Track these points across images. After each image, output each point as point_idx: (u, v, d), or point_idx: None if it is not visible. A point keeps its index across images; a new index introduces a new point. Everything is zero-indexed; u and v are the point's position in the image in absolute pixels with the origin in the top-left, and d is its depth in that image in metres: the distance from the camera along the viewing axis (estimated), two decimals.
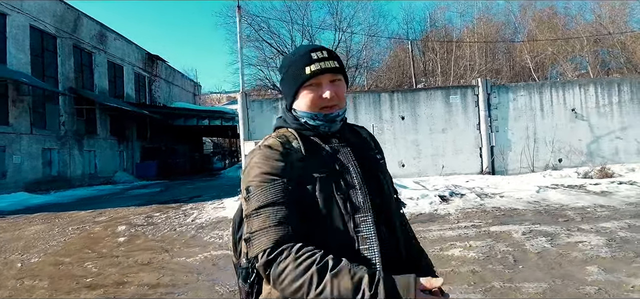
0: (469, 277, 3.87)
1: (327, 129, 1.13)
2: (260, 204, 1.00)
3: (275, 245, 0.95)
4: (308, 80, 1.10)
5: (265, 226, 0.97)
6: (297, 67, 1.12)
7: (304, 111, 1.12)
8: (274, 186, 1.01)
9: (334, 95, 1.10)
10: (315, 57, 1.10)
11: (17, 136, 15.71)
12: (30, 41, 16.80)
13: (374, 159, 1.18)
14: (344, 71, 1.16)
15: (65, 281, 4.45)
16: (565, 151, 10.81)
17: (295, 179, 1.03)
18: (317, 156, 1.08)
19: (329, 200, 1.02)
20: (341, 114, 1.14)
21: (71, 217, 9.15)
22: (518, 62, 29.43)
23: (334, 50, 14.12)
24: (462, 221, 6.16)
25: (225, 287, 3.99)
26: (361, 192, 1.05)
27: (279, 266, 0.93)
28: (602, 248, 4.41)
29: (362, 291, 0.87)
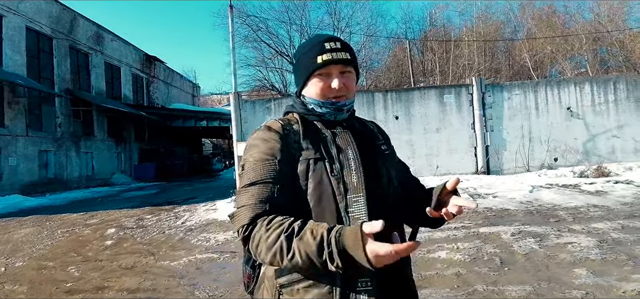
0: (452, 280, 3.79)
1: (333, 117, 1.16)
2: (249, 181, 1.05)
3: (250, 221, 0.99)
4: (319, 69, 1.13)
5: (248, 203, 1.01)
6: (310, 56, 1.15)
7: (312, 98, 1.16)
8: (265, 165, 1.05)
9: (343, 86, 1.13)
10: (328, 47, 1.13)
11: (12, 138, 15.68)
12: (26, 42, 16.78)
13: (376, 148, 1.20)
14: (355, 64, 1.18)
15: (45, 285, 4.39)
16: (561, 150, 10.72)
17: (289, 160, 1.07)
18: (315, 139, 1.11)
19: (321, 180, 1.05)
20: (348, 104, 1.16)
21: (62, 220, 9.09)
22: (518, 61, 29.33)
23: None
24: (452, 222, 6.06)
25: (205, 292, 3.92)
26: (356, 174, 1.06)
27: (254, 239, 0.98)
28: (593, 250, 4.33)
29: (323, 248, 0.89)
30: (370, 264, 0.86)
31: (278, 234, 0.94)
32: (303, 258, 0.91)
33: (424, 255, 4.59)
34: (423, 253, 4.64)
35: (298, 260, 0.92)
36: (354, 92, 1.20)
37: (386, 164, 1.17)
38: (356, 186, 1.04)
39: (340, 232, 0.90)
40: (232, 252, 5.32)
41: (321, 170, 1.06)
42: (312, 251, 0.90)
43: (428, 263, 4.34)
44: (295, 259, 0.92)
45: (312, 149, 1.09)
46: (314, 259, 0.91)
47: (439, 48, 29.75)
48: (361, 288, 0.99)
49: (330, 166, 1.07)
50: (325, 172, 1.06)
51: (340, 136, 1.13)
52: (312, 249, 0.90)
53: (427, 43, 31.00)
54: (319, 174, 1.06)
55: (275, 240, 0.94)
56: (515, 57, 29.25)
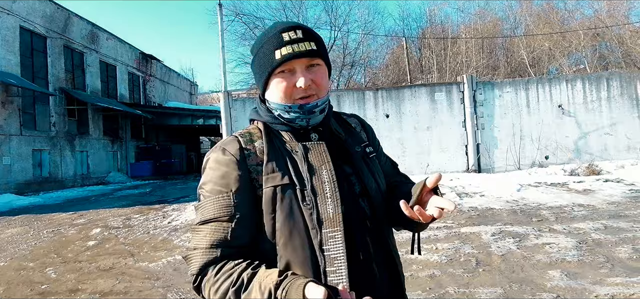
0: (425, 282, 3.76)
1: (304, 122, 0.97)
2: (202, 219, 0.91)
3: (199, 271, 0.88)
4: (279, 66, 0.94)
5: (199, 246, 0.89)
6: (267, 51, 0.96)
7: (276, 102, 0.97)
8: (217, 200, 0.90)
9: (311, 83, 0.94)
10: (287, 39, 0.94)
11: (6, 137, 15.67)
12: (20, 42, 16.73)
13: (360, 156, 1.03)
14: (324, 54, 0.99)
15: (21, 287, 4.37)
16: (552, 148, 10.67)
17: (250, 188, 0.91)
18: (281, 159, 0.93)
19: (292, 212, 0.89)
20: (321, 104, 0.97)
21: (51, 219, 9.08)
22: (515, 58, 29.23)
23: (328, 48, 13.97)
24: (435, 222, 6.04)
25: (178, 294, 3.90)
26: (332, 202, 0.90)
27: (205, 288, 0.87)
28: (570, 251, 4.30)
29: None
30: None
31: (226, 288, 0.84)
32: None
33: (402, 256, 4.55)
34: (402, 254, 4.60)
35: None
36: (327, 89, 1.00)
37: (373, 173, 1.02)
38: (332, 218, 0.89)
39: (287, 289, 0.79)
40: None
41: (290, 199, 0.90)
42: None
43: (406, 263, 4.29)
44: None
45: (280, 173, 0.92)
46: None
47: (437, 45, 29.67)
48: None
49: (302, 193, 0.90)
50: (296, 201, 0.90)
51: (313, 150, 0.96)
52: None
53: (425, 40, 30.92)
54: (287, 204, 0.90)
55: (223, 294, 0.84)
56: (513, 54, 29.17)
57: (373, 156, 1.06)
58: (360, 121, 1.15)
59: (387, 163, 1.17)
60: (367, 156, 1.04)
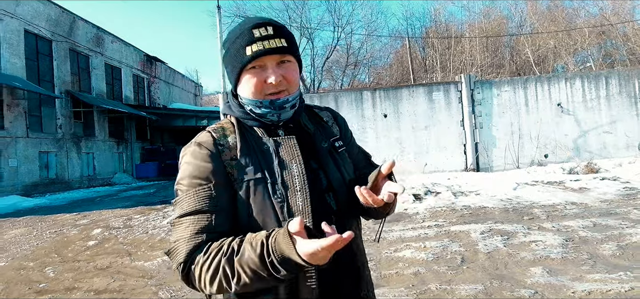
0: (409, 279, 3.84)
1: (275, 118, 1.00)
2: (182, 212, 0.93)
3: (187, 258, 0.89)
4: (250, 62, 0.96)
5: (183, 237, 0.91)
6: (238, 46, 0.98)
7: (247, 97, 0.99)
8: (198, 192, 0.92)
9: (282, 79, 0.97)
10: (257, 35, 0.96)
11: (12, 140, 15.96)
12: (25, 45, 17.03)
13: (329, 150, 1.05)
14: (294, 51, 1.00)
15: (19, 286, 4.52)
16: (551, 147, 10.65)
17: (226, 181, 0.94)
18: (254, 154, 0.97)
19: (264, 205, 0.93)
20: (291, 99, 1.00)
21: (55, 220, 9.27)
22: (521, 57, 29.05)
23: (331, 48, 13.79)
24: (427, 220, 6.12)
25: (169, 292, 4.01)
26: (301, 195, 0.93)
27: (195, 273, 0.87)
28: (555, 248, 4.35)
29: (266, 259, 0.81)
30: (309, 264, 0.79)
31: (219, 260, 0.85)
32: (249, 275, 0.83)
33: (390, 254, 4.64)
34: (390, 252, 4.69)
35: (245, 280, 0.83)
36: (298, 85, 1.03)
37: (339, 168, 1.04)
38: (302, 210, 0.93)
39: (275, 238, 0.82)
40: None
41: (262, 193, 0.93)
42: (257, 265, 0.82)
43: (392, 261, 4.39)
44: (243, 279, 0.84)
45: (252, 167, 0.95)
46: (261, 273, 0.82)
47: (441, 45, 29.59)
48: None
49: (273, 186, 0.94)
50: (268, 194, 0.93)
51: (283, 145, 0.99)
52: (256, 263, 0.82)
53: (428, 40, 30.85)
54: (259, 198, 0.93)
55: (216, 267, 0.85)
56: (519, 52, 28.99)
57: (342, 150, 1.09)
58: (332, 114, 1.18)
59: (359, 155, 1.19)
60: (336, 151, 1.07)
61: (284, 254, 0.80)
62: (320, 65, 27.75)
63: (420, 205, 7.08)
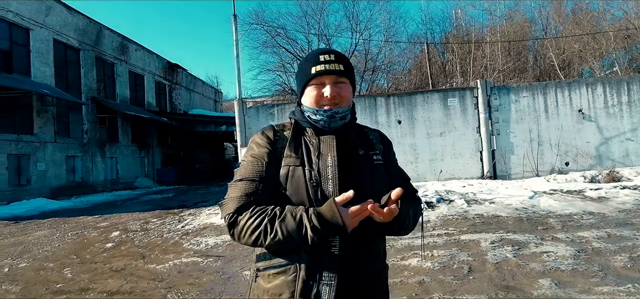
0: (413, 288, 3.82)
1: (326, 124, 1.22)
2: (239, 177, 1.19)
3: (235, 211, 1.14)
4: (313, 79, 1.22)
5: (234, 195, 1.16)
6: (306, 67, 1.24)
7: (307, 106, 1.24)
8: (253, 165, 1.19)
9: (335, 95, 1.20)
10: (322, 59, 1.22)
11: (41, 145, 16.66)
12: (54, 54, 17.79)
13: (364, 158, 1.24)
14: (350, 75, 1.26)
15: (37, 286, 4.72)
16: (573, 154, 10.35)
17: (276, 163, 1.19)
18: (300, 147, 1.20)
19: (299, 186, 1.15)
20: (341, 112, 1.22)
21: (77, 222, 9.62)
22: (545, 61, 28.30)
23: (349, 53, 14.50)
24: (437, 229, 6.05)
25: (177, 295, 4.12)
26: (332, 183, 1.14)
27: (239, 224, 1.12)
28: (567, 259, 4.24)
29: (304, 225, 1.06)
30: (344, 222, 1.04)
31: (262, 218, 1.10)
32: (284, 235, 1.07)
33: (396, 262, 4.62)
34: (397, 260, 4.67)
35: (280, 237, 1.07)
36: (349, 102, 1.25)
37: (371, 175, 1.22)
38: (332, 195, 1.12)
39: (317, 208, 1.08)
40: (216, 256, 5.52)
41: (299, 176, 1.16)
42: (293, 228, 1.06)
43: (397, 270, 4.37)
44: (277, 237, 1.07)
45: (294, 156, 1.18)
46: (294, 235, 1.07)
47: (461, 49, 29.17)
48: (324, 281, 1.10)
49: (310, 173, 1.15)
50: (304, 179, 1.15)
51: (324, 142, 1.20)
52: (293, 227, 1.07)
53: (448, 45, 30.45)
54: (296, 180, 1.15)
55: (259, 223, 1.09)
56: (543, 56, 28.25)
57: (378, 163, 1.26)
58: (380, 135, 1.39)
59: (397, 174, 1.36)
60: (371, 161, 1.25)
61: (324, 215, 1.06)
62: None
63: (431, 213, 7.01)
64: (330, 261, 1.10)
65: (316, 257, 1.11)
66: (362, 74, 29.18)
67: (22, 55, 16.20)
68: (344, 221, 1.04)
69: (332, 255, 1.10)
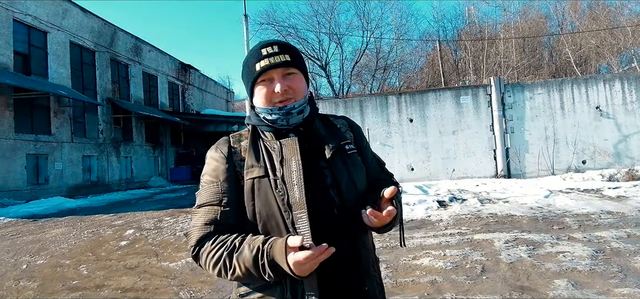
0: (425, 288, 3.78)
1: (284, 122, 1.13)
2: (199, 203, 1.12)
3: (197, 243, 1.07)
4: (259, 76, 1.12)
5: (196, 224, 1.09)
6: (250, 65, 1.14)
7: (260, 106, 1.14)
8: (209, 188, 1.11)
9: (287, 88, 1.10)
10: (265, 53, 1.11)
11: (58, 145, 17.02)
12: (71, 56, 18.15)
13: (336, 150, 1.15)
14: (299, 64, 1.15)
15: (54, 283, 4.82)
16: (590, 152, 10.11)
17: (235, 179, 1.10)
18: (261, 154, 1.11)
19: (267, 199, 1.06)
20: (298, 106, 1.12)
21: (93, 220, 9.79)
22: (561, 57, 27.73)
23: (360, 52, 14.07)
24: (450, 228, 5.97)
25: (189, 293, 4.15)
26: (297, 188, 1.04)
27: (201, 257, 1.06)
28: (584, 260, 4.14)
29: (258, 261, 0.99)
30: (294, 273, 0.95)
31: (221, 253, 1.02)
32: (243, 271, 1.00)
33: (408, 261, 4.58)
34: (408, 260, 4.63)
35: (239, 273, 1.00)
36: (304, 94, 1.15)
37: (347, 167, 1.13)
38: (299, 201, 1.03)
39: (271, 244, 0.98)
40: None
41: (266, 188, 1.06)
42: (250, 264, 0.99)
43: (409, 269, 4.33)
44: (237, 273, 1.00)
45: (257, 166, 1.09)
46: (252, 271, 0.99)
47: (474, 46, 28.79)
48: (309, 295, 1.02)
49: (275, 182, 1.06)
50: (271, 189, 1.06)
51: (286, 146, 1.10)
52: (250, 263, 0.99)
53: (461, 42, 30.09)
54: (263, 192, 1.06)
55: (219, 258, 1.02)
56: (559, 53, 27.70)
57: (352, 153, 1.18)
58: (348, 122, 1.29)
59: (373, 161, 1.29)
60: (345, 152, 1.16)
61: (276, 260, 0.96)
62: (349, 69, 27.73)
63: (444, 212, 6.93)
64: (308, 281, 1.02)
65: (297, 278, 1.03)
66: (374, 73, 29.05)
67: (40, 57, 16.57)
68: (291, 268, 0.95)
69: (309, 276, 1.01)
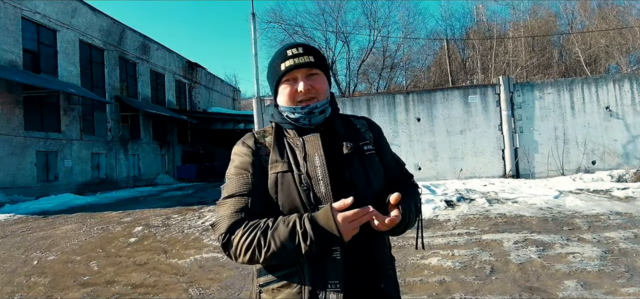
0: (434, 287, 3.77)
1: (306, 121, 1.17)
2: (227, 194, 1.14)
3: (227, 230, 1.08)
4: (284, 76, 1.17)
5: (225, 214, 1.11)
6: (275, 65, 1.19)
7: (283, 105, 1.19)
8: (239, 179, 1.13)
9: (310, 88, 1.15)
10: (290, 54, 1.17)
11: (68, 142, 17.21)
12: (80, 55, 18.33)
13: (355, 150, 1.17)
14: (323, 66, 1.21)
15: (65, 278, 4.88)
16: (599, 153, 10.01)
17: (261, 172, 1.13)
18: (285, 151, 1.15)
19: (290, 192, 1.09)
20: (320, 105, 1.16)
21: (102, 217, 9.89)
22: (571, 57, 27.45)
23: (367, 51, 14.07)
24: (458, 228, 5.95)
25: (199, 290, 4.19)
26: (323, 183, 1.08)
27: (233, 243, 1.07)
28: (593, 261, 4.11)
29: (296, 231, 1.01)
30: (339, 231, 0.98)
31: (255, 233, 1.04)
32: (278, 245, 1.01)
33: (416, 261, 4.57)
34: (416, 259, 4.63)
35: (273, 250, 1.01)
36: (327, 94, 1.20)
37: (364, 167, 1.16)
38: (325, 195, 1.07)
39: (312, 213, 1.03)
40: None
41: (289, 182, 1.09)
42: (286, 237, 1.01)
43: (417, 268, 4.33)
44: (271, 249, 1.01)
45: (281, 161, 1.13)
46: (287, 245, 1.00)
47: (482, 45, 28.60)
48: (330, 288, 1.04)
49: (299, 177, 1.09)
50: (294, 184, 1.09)
51: (309, 142, 1.14)
52: (285, 235, 1.01)
53: (469, 41, 29.90)
54: (286, 186, 1.09)
55: (252, 239, 1.04)
56: (569, 52, 27.42)
57: (370, 154, 1.20)
58: (368, 122, 1.33)
59: (392, 161, 1.32)
60: (363, 153, 1.19)
61: (319, 221, 1.00)
62: (355, 68, 27.68)
63: (451, 212, 6.90)
64: (333, 267, 1.05)
65: (319, 264, 1.06)
66: (380, 72, 28.98)
67: (50, 55, 16.75)
68: (339, 228, 0.98)
69: (334, 260, 1.05)
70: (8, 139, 14.37)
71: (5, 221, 9.80)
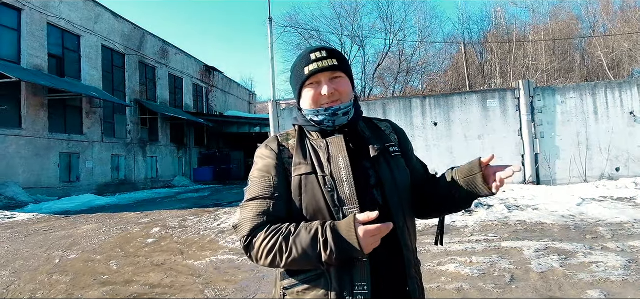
0: (452, 294, 3.70)
1: (330, 123, 1.18)
2: (249, 196, 1.15)
3: (249, 233, 1.09)
4: (307, 79, 1.18)
5: (248, 217, 1.11)
6: (298, 69, 1.21)
7: (307, 108, 1.20)
8: (262, 182, 1.14)
9: (334, 91, 1.16)
10: (313, 58, 1.18)
11: (89, 144, 17.65)
12: (102, 59, 18.82)
13: (380, 152, 1.18)
14: (346, 69, 1.22)
15: (85, 277, 4.98)
16: (624, 159, 9.69)
17: (285, 175, 1.14)
18: (309, 153, 1.15)
19: (314, 195, 1.09)
20: (343, 107, 1.17)
21: (121, 218, 10.09)
22: (594, 60, 26.75)
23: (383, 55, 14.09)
24: (476, 234, 5.84)
25: (215, 291, 4.22)
26: (347, 184, 1.08)
27: (255, 246, 1.08)
28: (617, 270, 3.97)
29: (318, 239, 1.01)
30: (360, 244, 0.97)
31: (277, 238, 1.04)
32: (299, 252, 1.01)
33: (433, 267, 4.50)
34: (433, 265, 4.56)
35: (295, 256, 1.02)
36: (350, 97, 1.20)
37: (391, 168, 1.17)
38: (350, 197, 1.07)
39: (335, 222, 1.02)
40: None
41: (313, 184, 1.10)
42: (307, 244, 1.01)
43: (435, 275, 4.26)
44: (292, 255, 1.02)
45: (304, 163, 1.13)
46: (309, 252, 1.00)
47: (500, 49, 28.12)
48: (357, 291, 1.03)
49: (323, 179, 1.09)
50: (318, 186, 1.09)
51: (333, 144, 1.15)
52: (307, 242, 1.01)
53: (487, 45, 29.45)
54: (311, 188, 1.10)
55: (274, 243, 1.04)
56: (592, 56, 26.72)
57: (396, 155, 1.22)
58: (392, 125, 1.34)
59: (417, 164, 1.33)
60: (389, 154, 1.20)
61: (341, 233, 0.99)
62: (371, 72, 27.60)
63: (469, 218, 6.78)
64: (360, 269, 1.04)
65: (345, 267, 1.05)
66: (396, 76, 28.79)
67: (73, 60, 17.25)
68: (360, 242, 0.97)
69: (362, 262, 1.04)
70: (33, 140, 14.83)
71: (29, 221, 10.09)
